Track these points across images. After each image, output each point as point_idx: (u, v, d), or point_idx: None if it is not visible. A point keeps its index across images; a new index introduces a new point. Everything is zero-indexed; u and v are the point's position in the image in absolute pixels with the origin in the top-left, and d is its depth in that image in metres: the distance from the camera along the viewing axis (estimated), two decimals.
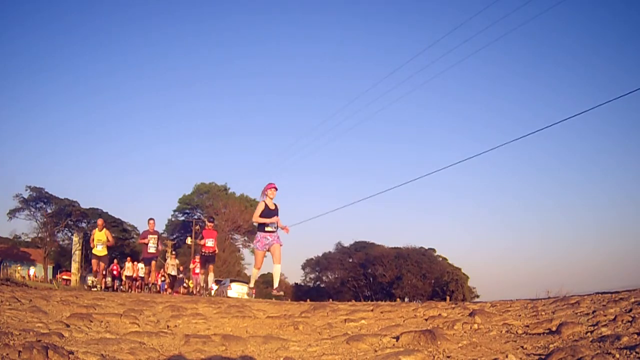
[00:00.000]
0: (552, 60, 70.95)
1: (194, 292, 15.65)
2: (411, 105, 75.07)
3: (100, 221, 12.20)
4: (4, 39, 67.15)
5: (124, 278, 19.38)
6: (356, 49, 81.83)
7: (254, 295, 14.30)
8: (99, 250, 11.54)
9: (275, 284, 7.48)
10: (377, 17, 80.00)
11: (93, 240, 11.81)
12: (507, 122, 69.96)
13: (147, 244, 12.14)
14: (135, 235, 47.51)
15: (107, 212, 48.28)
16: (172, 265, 17.84)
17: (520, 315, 3.04)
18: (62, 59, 74.62)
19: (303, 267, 53.06)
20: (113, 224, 44.96)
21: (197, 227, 45.95)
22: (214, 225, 13.18)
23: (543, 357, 1.76)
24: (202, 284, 13.25)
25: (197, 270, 14.14)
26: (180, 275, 20.22)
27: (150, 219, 12.21)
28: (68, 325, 2.83)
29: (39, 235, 46.37)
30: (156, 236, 12.26)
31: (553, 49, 71.50)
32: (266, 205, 6.99)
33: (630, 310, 2.47)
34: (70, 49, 73.93)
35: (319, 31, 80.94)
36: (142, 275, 17.77)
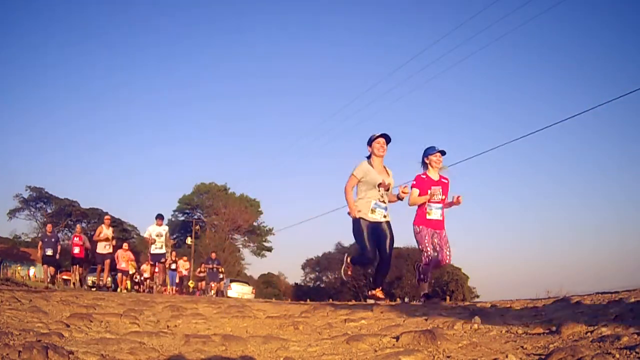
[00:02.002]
0: (552, 60, 71.01)
1: None
2: (411, 105, 75.10)
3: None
4: (5, 39, 67.21)
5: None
6: (356, 48, 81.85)
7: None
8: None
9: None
10: (377, 17, 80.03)
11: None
12: (507, 122, 69.96)
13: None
14: (135, 236, 47.51)
15: (107, 212, 48.34)
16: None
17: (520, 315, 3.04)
18: (63, 58, 74.72)
19: (303, 267, 53.00)
20: (113, 224, 44.92)
21: (197, 227, 45.87)
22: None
23: (543, 357, 1.76)
24: None
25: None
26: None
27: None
28: (68, 325, 2.83)
29: (39, 235, 46.42)
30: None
31: (553, 48, 71.54)
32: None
33: (631, 310, 2.47)
34: (71, 49, 74.00)
35: (319, 31, 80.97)
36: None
